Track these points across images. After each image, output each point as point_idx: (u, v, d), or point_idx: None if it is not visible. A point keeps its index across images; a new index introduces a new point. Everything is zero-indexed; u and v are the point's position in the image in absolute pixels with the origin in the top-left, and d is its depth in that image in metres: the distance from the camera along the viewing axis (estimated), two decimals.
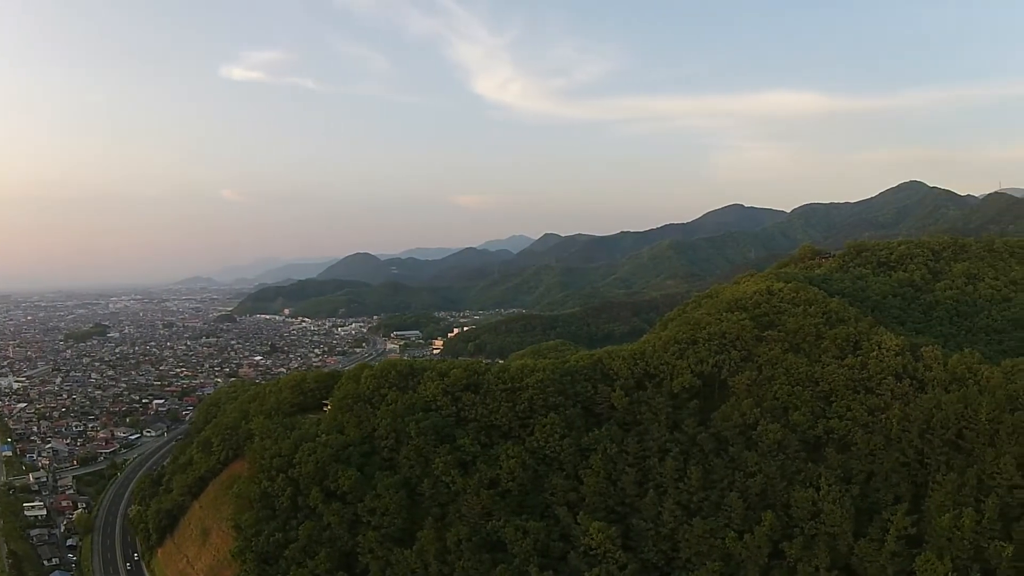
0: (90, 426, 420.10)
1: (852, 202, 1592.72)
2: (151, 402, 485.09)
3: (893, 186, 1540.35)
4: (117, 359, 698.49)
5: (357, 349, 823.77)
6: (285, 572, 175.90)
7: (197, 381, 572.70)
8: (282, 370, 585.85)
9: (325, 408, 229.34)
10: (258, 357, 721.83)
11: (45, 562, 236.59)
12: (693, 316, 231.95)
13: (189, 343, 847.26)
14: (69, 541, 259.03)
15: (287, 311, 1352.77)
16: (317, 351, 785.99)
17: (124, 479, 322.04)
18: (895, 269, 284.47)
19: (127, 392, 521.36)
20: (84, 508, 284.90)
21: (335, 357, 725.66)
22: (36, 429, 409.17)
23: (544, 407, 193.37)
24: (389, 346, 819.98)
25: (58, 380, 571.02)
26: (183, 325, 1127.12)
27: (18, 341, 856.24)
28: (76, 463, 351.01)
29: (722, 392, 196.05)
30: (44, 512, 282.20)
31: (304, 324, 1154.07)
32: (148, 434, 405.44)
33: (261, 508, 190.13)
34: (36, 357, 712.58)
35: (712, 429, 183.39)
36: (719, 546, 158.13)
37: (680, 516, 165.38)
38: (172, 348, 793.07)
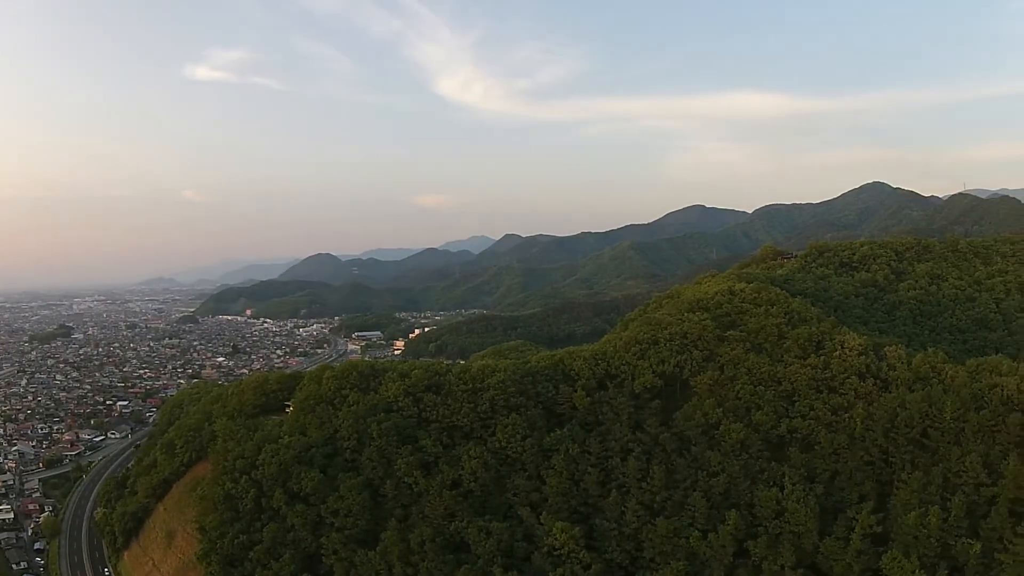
0: (55, 428, 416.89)
1: (814, 203, 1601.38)
2: (115, 404, 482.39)
3: (856, 187, 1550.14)
4: (81, 360, 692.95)
5: (319, 350, 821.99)
6: (250, 574, 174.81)
7: (160, 382, 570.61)
8: (244, 371, 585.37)
9: (287, 409, 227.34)
10: (220, 358, 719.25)
11: (13, 566, 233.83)
12: (654, 316, 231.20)
13: (152, 344, 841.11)
14: (37, 545, 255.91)
15: (249, 312, 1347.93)
16: (279, 352, 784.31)
17: (90, 481, 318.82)
18: (858, 269, 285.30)
19: (91, 394, 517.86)
20: (51, 511, 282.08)
21: (297, 358, 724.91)
22: (2, 432, 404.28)
23: (506, 407, 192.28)
24: (350, 347, 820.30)
25: (23, 382, 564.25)
26: (146, 326, 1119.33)
27: None
28: (42, 465, 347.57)
29: (684, 392, 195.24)
30: (12, 515, 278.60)
31: (266, 325, 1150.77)
32: (112, 436, 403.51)
33: (225, 510, 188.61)
34: (1, 359, 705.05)
35: (674, 429, 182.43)
36: (683, 545, 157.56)
37: (643, 516, 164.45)
38: (135, 349, 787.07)
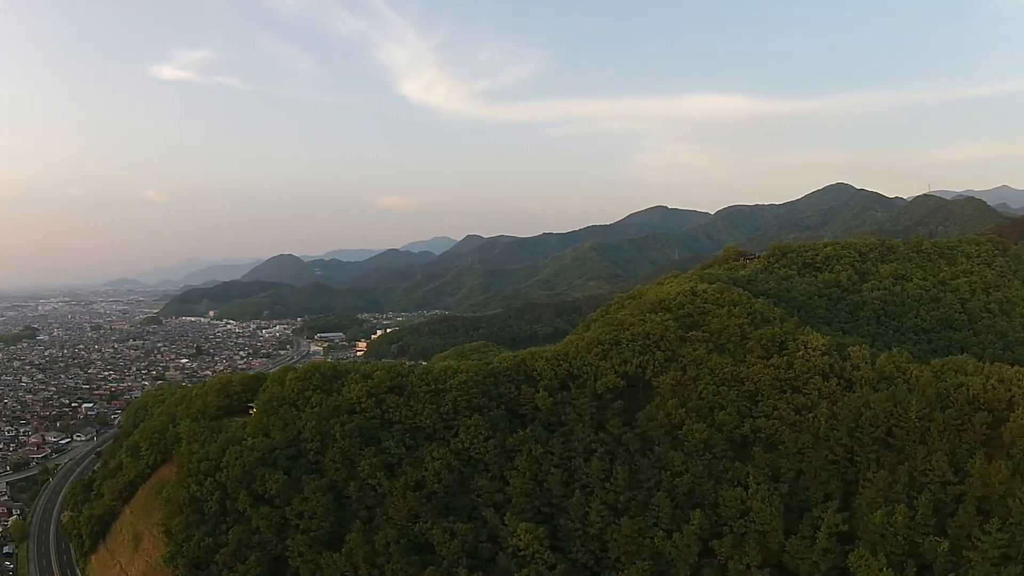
0: (22, 431, 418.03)
1: (777, 204, 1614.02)
2: (80, 406, 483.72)
3: (819, 188, 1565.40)
4: (47, 362, 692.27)
5: (281, 351, 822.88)
6: None
7: (125, 384, 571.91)
8: (208, 372, 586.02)
9: (251, 411, 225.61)
10: (184, 360, 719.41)
11: None
12: (616, 317, 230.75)
13: (116, 346, 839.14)
14: (5, 548, 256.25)
15: (212, 313, 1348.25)
16: (242, 353, 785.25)
17: (56, 484, 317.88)
18: (821, 270, 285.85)
19: (57, 396, 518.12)
20: (19, 515, 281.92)
21: (260, 359, 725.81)
22: None
23: (468, 408, 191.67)
24: (313, 348, 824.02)
25: None
26: (110, 327, 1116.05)
27: None
28: (9, 468, 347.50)
29: (647, 392, 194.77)
30: None
31: (229, 326, 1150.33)
32: (78, 438, 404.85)
33: (191, 512, 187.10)
34: None
35: (637, 429, 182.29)
36: (648, 545, 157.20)
37: (608, 516, 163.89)
38: (100, 351, 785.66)
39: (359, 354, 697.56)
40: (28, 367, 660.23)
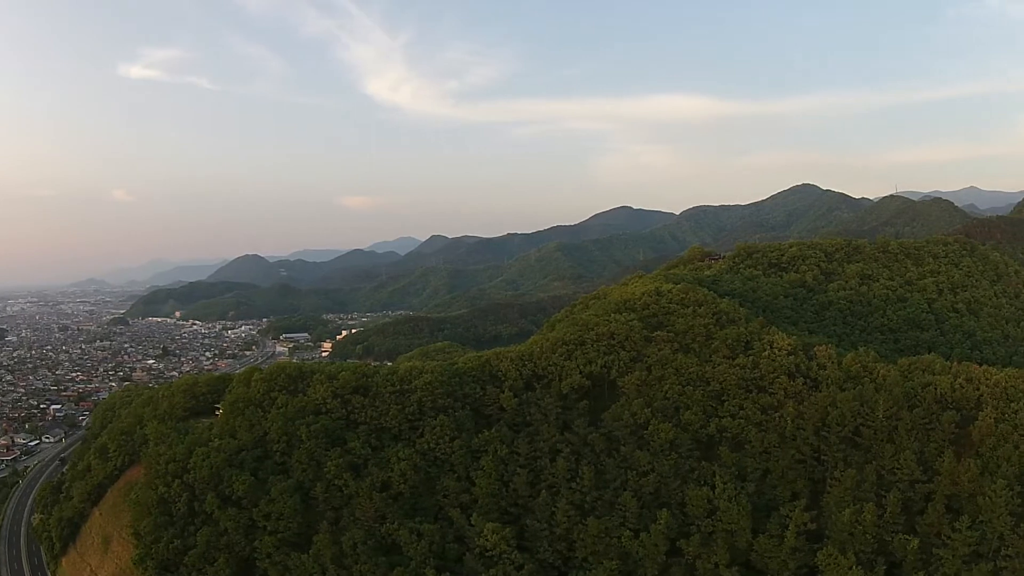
0: None
1: (743, 205, 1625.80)
2: (49, 407, 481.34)
3: (785, 189, 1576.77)
4: (15, 363, 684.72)
5: (247, 352, 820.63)
6: None
7: (92, 385, 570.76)
8: (174, 373, 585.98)
9: (217, 412, 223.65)
10: (151, 361, 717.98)
11: None
12: (581, 317, 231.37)
13: (84, 347, 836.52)
14: None
15: (178, 314, 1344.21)
16: (208, 354, 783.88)
17: (26, 486, 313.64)
18: (787, 270, 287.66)
19: (25, 397, 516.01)
20: None
21: (226, 360, 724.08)
22: None
23: (433, 409, 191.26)
24: (278, 349, 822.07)
25: None
26: (78, 328, 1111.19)
27: None
28: None
29: (612, 393, 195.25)
30: None
31: (195, 327, 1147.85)
32: (47, 440, 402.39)
33: (159, 514, 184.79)
34: None
35: (603, 429, 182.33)
36: (615, 545, 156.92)
37: (574, 516, 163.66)
38: (68, 352, 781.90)
39: (324, 355, 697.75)
40: None
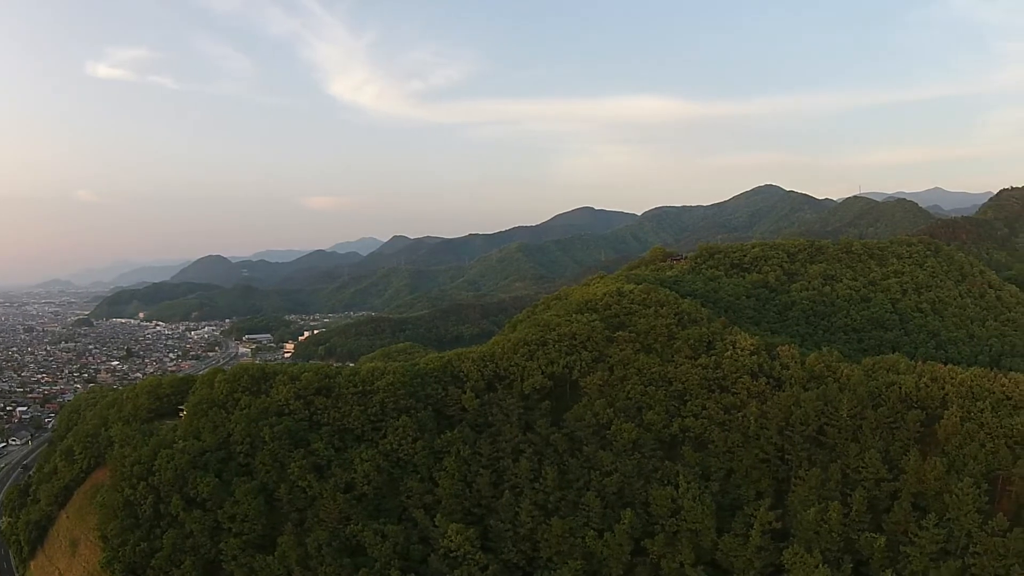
0: None
1: (705, 205, 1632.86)
2: (15, 409, 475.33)
3: (748, 189, 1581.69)
4: None
5: (210, 353, 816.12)
6: None
7: (58, 387, 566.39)
8: (138, 375, 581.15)
9: (181, 414, 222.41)
10: (115, 362, 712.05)
11: None
12: (542, 318, 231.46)
13: (49, 348, 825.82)
14: None
15: (142, 315, 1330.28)
16: (172, 355, 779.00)
17: None
18: (749, 271, 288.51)
19: None
20: None
21: (189, 361, 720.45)
22: None
23: (396, 410, 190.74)
24: (241, 350, 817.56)
25: None
26: (43, 329, 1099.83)
27: None
28: None
29: (574, 393, 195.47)
30: None
31: (159, 328, 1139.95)
32: (13, 442, 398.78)
33: (125, 517, 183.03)
34: None
35: (565, 429, 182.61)
36: (579, 545, 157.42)
37: (538, 516, 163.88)
38: (33, 353, 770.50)
39: (287, 356, 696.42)
40: None
